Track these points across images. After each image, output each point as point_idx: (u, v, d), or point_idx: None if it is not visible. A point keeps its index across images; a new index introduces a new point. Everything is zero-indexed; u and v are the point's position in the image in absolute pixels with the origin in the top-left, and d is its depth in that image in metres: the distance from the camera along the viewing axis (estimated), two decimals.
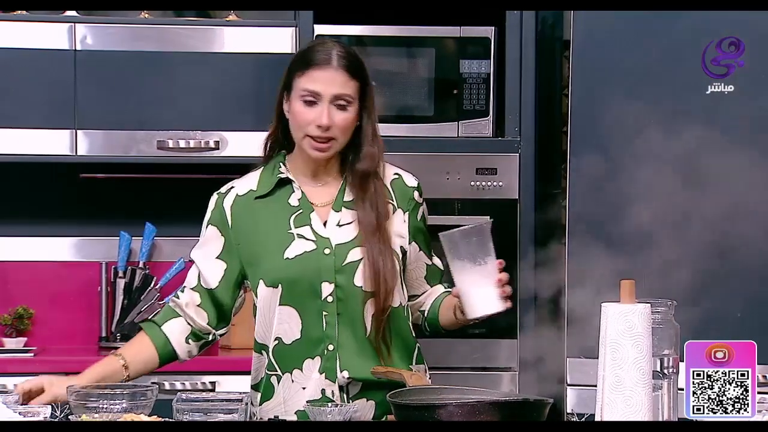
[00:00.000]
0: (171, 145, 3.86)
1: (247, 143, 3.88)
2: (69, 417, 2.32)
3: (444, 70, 3.87)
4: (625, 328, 2.10)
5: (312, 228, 2.67)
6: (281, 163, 2.74)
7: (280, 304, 2.65)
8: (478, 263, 2.44)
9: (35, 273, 4.15)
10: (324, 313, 2.64)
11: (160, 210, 4.18)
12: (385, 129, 3.76)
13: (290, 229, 2.67)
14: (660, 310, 2.27)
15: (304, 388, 2.63)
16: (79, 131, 3.85)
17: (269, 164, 2.76)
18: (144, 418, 2.28)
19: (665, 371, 2.26)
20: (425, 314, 2.78)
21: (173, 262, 4.07)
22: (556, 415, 3.16)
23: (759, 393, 2.16)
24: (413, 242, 2.74)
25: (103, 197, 4.19)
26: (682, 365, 2.32)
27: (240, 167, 4.00)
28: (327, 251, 2.65)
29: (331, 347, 2.63)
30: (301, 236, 2.66)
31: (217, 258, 2.71)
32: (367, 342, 2.64)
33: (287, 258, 2.64)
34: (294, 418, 2.60)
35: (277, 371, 2.68)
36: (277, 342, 2.67)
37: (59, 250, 4.18)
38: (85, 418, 2.27)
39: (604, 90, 3.48)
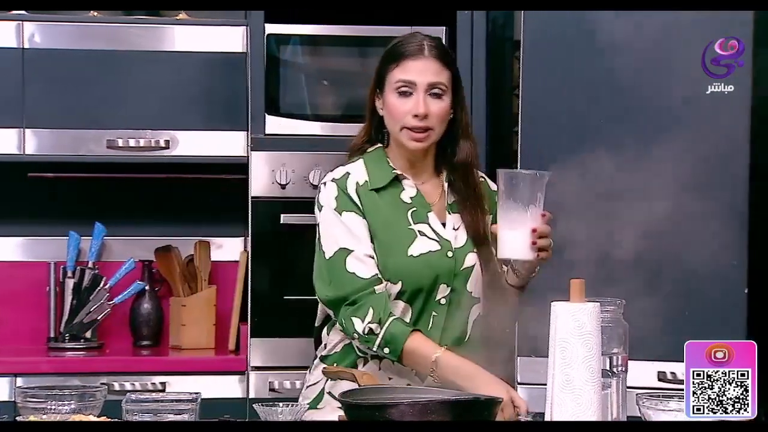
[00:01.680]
0: (121, 145, 3.84)
1: (198, 142, 3.87)
2: (16, 418, 2.30)
3: None
4: (575, 326, 2.11)
5: (432, 227, 2.68)
6: (387, 158, 2.72)
7: (395, 299, 2.64)
8: (522, 208, 2.42)
9: None
10: (434, 313, 2.65)
11: (110, 209, 4.16)
12: (338, 129, 3.81)
13: (410, 225, 2.66)
14: (609, 309, 2.29)
15: (390, 379, 2.63)
16: (27, 130, 3.81)
17: (370, 157, 2.73)
18: (93, 418, 2.26)
19: (614, 370, 2.27)
20: None
21: (123, 262, 4.04)
22: None
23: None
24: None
25: (51, 197, 4.16)
26: (631, 363, 2.34)
27: (191, 166, 4.02)
28: (450, 254, 2.66)
29: None
30: (423, 234, 2.66)
31: (371, 243, 2.65)
32: (464, 348, 2.63)
33: (411, 256, 2.63)
34: None
35: (366, 355, 2.66)
36: None
37: (7, 250, 4.14)
38: (33, 419, 2.25)
39: (555, 90, 3.49)
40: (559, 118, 3.44)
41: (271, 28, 3.80)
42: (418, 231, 2.66)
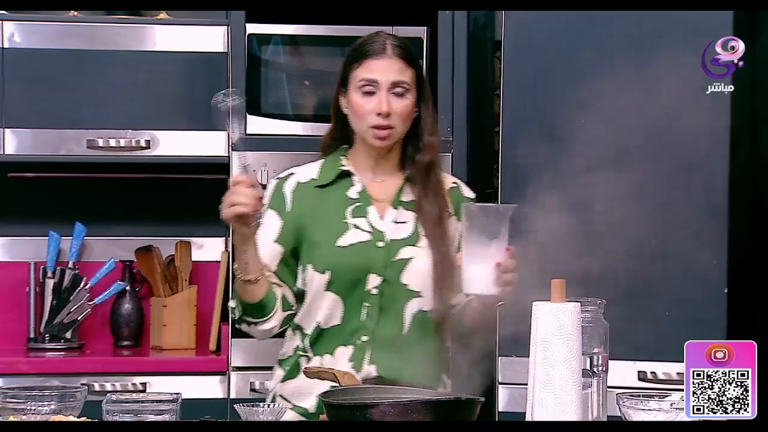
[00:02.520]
0: (101, 144, 3.83)
1: (179, 142, 3.86)
2: None
3: None
4: (556, 326, 2.11)
5: (368, 220, 2.70)
6: (342, 156, 2.76)
7: (325, 290, 2.66)
8: (485, 242, 2.41)
9: None
10: (365, 304, 2.66)
11: (90, 209, 4.15)
12: (320, 129, 3.77)
13: (346, 219, 2.69)
14: (589, 309, 2.29)
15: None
16: (6, 130, 3.80)
17: (330, 156, 2.79)
18: (73, 419, 2.26)
19: (595, 369, 2.27)
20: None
21: (103, 262, 4.03)
22: (487, 413, 3.17)
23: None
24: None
25: (31, 197, 4.15)
26: (612, 363, 2.34)
27: (172, 166, 4.01)
28: (380, 244, 2.67)
29: (364, 338, 2.65)
30: (356, 227, 2.68)
31: (274, 242, 2.70)
32: (403, 341, 2.65)
33: (340, 246, 2.66)
34: (313, 401, 2.62)
35: (307, 353, 2.69)
36: (316, 326, 2.68)
37: None
38: (12, 419, 2.25)
39: (536, 90, 3.50)
40: (541, 119, 3.44)
41: (252, 28, 3.80)
42: (354, 225, 2.69)
